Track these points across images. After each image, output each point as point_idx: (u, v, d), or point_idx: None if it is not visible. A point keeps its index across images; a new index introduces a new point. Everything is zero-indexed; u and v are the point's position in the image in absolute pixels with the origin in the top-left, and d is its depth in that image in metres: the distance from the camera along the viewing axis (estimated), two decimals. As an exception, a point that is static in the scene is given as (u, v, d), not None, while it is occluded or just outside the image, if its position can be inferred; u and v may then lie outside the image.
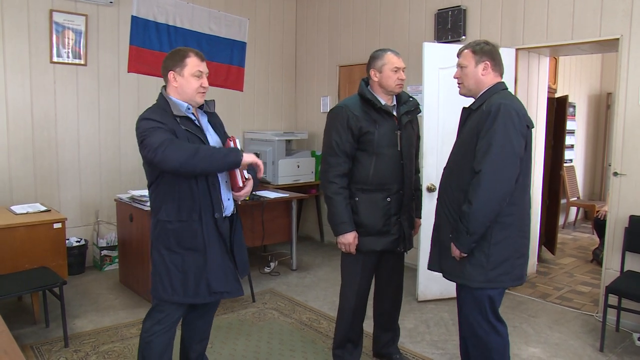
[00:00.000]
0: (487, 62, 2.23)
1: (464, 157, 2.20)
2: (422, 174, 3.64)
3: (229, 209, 2.31)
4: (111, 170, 4.80)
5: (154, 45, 4.82)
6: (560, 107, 5.21)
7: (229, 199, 2.30)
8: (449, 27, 4.42)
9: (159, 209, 2.20)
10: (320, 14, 5.83)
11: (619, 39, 3.42)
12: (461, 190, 2.19)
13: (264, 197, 4.38)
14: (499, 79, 2.27)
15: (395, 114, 2.57)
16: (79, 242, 4.46)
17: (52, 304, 3.43)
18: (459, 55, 2.32)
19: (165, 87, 2.25)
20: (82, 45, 4.51)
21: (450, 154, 2.37)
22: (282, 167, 5.27)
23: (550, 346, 3.19)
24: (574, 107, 6.85)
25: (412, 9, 4.80)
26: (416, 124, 2.70)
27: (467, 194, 2.13)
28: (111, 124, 4.77)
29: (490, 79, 2.25)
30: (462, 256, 2.19)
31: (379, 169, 2.52)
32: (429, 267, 2.42)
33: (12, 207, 3.74)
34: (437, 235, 2.37)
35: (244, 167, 2.21)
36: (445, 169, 2.37)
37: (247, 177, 2.26)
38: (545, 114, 4.52)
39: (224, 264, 2.25)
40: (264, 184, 5.17)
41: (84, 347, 3.06)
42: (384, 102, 2.55)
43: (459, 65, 2.31)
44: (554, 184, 5.25)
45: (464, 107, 2.34)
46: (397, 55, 2.55)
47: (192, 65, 2.18)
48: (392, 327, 2.89)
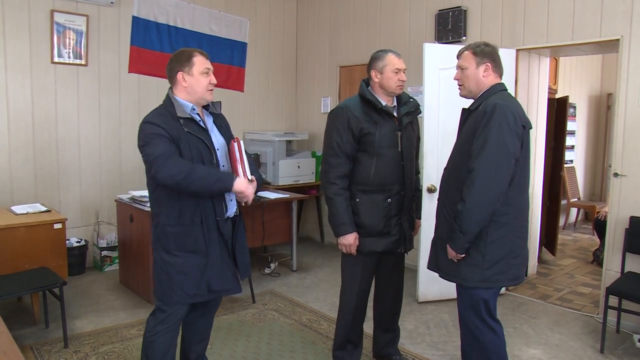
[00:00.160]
0: (488, 64, 2.24)
1: (463, 158, 2.20)
2: (422, 174, 3.64)
3: (232, 210, 2.31)
4: (111, 170, 4.80)
5: (155, 45, 4.82)
6: (560, 107, 5.21)
7: (232, 199, 2.30)
8: (450, 27, 4.42)
9: (160, 212, 2.20)
10: (320, 15, 5.83)
11: (619, 40, 3.43)
12: (460, 190, 2.19)
13: (264, 197, 4.38)
14: (498, 80, 2.28)
15: (395, 114, 2.57)
16: (79, 242, 4.46)
17: (52, 305, 3.43)
18: (459, 56, 2.32)
19: (171, 89, 2.25)
20: (82, 45, 4.51)
21: (450, 155, 2.37)
22: (283, 168, 5.27)
23: (550, 347, 3.19)
24: (575, 107, 6.85)
25: (413, 10, 4.80)
26: (416, 124, 2.70)
27: (462, 193, 2.14)
28: (112, 124, 4.78)
29: (490, 81, 2.26)
30: (458, 258, 2.20)
31: (380, 170, 2.52)
32: (428, 266, 2.45)
33: (12, 208, 3.74)
34: (436, 234, 2.39)
35: (235, 193, 2.17)
36: (445, 170, 2.38)
37: (250, 178, 2.22)
38: (545, 115, 4.52)
39: (224, 263, 2.26)
40: (265, 185, 5.17)
41: (84, 347, 3.06)
42: (384, 103, 2.55)
43: (459, 66, 2.31)
44: (555, 184, 5.25)
45: (463, 108, 2.34)
46: (398, 56, 2.55)
47: (199, 63, 2.20)
48: (392, 328, 2.88)
